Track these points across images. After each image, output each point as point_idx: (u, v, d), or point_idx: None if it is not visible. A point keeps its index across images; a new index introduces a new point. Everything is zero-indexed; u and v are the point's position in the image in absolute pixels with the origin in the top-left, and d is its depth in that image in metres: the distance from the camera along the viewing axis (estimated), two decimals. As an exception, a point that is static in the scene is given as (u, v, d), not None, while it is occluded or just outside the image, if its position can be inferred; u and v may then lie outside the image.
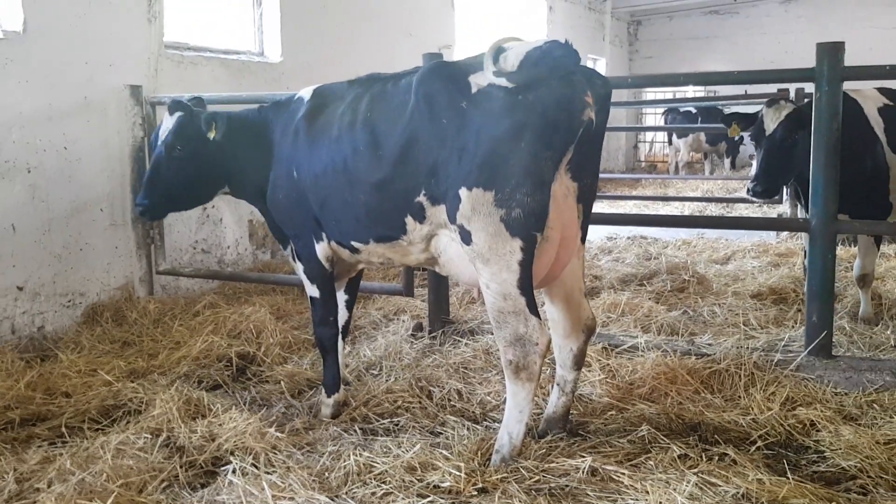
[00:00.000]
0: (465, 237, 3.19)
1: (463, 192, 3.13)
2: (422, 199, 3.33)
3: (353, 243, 3.71)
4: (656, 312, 5.62)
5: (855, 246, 7.63)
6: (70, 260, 5.67)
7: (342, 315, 4.36)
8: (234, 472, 3.30)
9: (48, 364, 4.82)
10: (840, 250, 7.43)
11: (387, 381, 4.41)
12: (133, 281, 6.15)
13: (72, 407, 4.19)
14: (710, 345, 4.62)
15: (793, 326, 5.27)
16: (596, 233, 9.19)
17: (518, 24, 14.22)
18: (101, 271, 5.91)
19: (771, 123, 5.23)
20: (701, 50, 20.25)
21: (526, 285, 3.17)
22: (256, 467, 3.36)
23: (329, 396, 4.12)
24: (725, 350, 4.41)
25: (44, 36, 5.42)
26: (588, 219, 3.48)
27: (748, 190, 5.41)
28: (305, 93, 3.96)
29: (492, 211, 3.10)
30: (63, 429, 3.90)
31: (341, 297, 4.35)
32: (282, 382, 4.55)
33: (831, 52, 4.01)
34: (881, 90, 5.63)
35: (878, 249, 5.62)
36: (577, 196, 3.31)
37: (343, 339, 4.43)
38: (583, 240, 3.51)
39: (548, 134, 3.05)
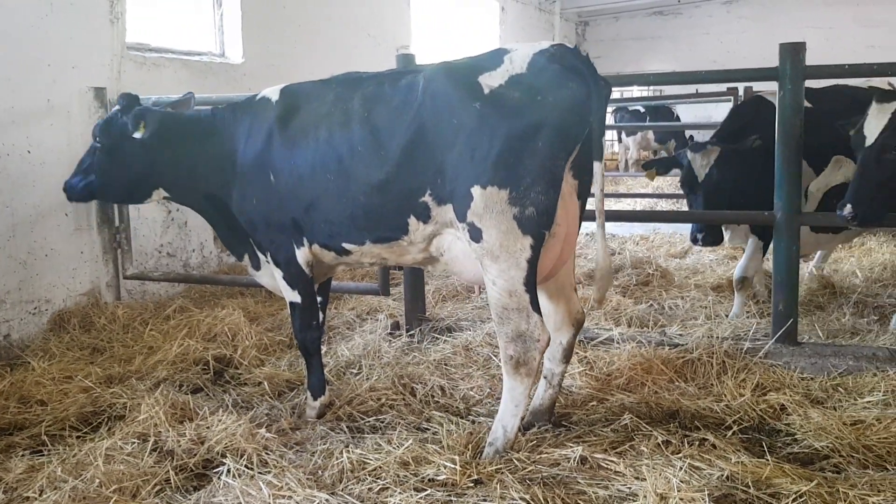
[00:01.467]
0: (475, 235, 3.24)
1: (476, 190, 3.18)
2: (427, 199, 3.36)
3: (345, 245, 3.69)
4: (625, 306, 5.78)
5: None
6: (35, 266, 5.54)
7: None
8: (227, 473, 3.30)
9: (19, 372, 4.71)
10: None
11: (368, 379, 4.44)
12: (100, 286, 6.04)
13: (49, 415, 4.11)
14: (681, 335, 4.78)
15: (755, 315, 5.48)
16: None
17: (471, 25, 14.34)
18: (67, 277, 5.80)
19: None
20: (646, 50, 20.66)
21: (531, 282, 3.25)
22: (250, 468, 3.37)
23: (315, 399, 4.12)
24: (697, 340, 4.57)
25: (5, 38, 5.30)
26: (583, 214, 3.57)
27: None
28: (271, 93, 3.87)
29: (505, 209, 3.16)
30: (44, 437, 3.83)
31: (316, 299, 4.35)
32: (263, 384, 4.54)
33: (793, 51, 4.20)
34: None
35: (764, 256, 5.50)
36: (578, 193, 3.41)
37: (319, 340, 4.43)
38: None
39: (563, 134, 3.14)
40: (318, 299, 4.37)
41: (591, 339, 4.75)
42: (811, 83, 4.42)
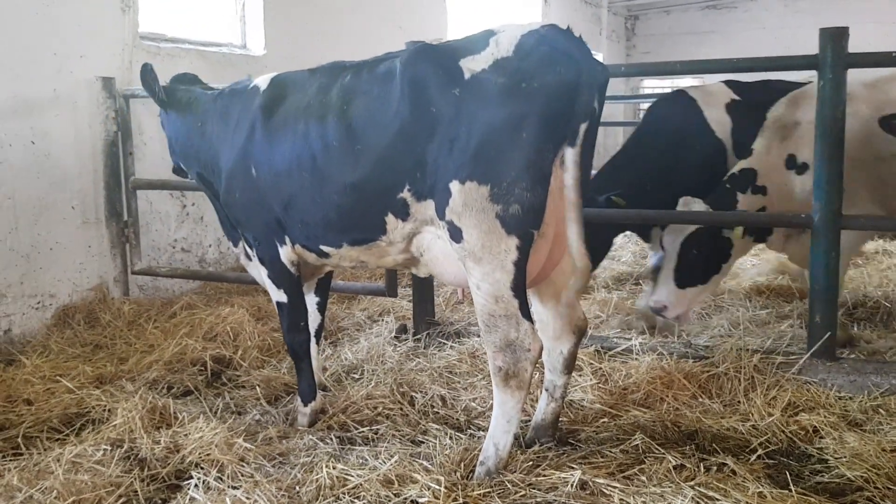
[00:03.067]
0: (455, 234, 2.96)
1: (455, 185, 2.90)
2: (405, 194, 3.08)
3: (322, 247, 3.45)
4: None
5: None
6: (39, 260, 5.42)
7: (315, 318, 4.13)
8: (196, 486, 3.08)
9: (11, 370, 4.57)
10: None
11: (367, 386, 4.18)
12: (108, 281, 5.90)
13: (33, 416, 3.94)
14: (707, 346, 4.40)
15: (795, 326, 5.07)
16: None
17: (513, 18, 14.01)
18: (74, 271, 5.67)
19: None
20: (699, 45, 20.01)
21: (520, 287, 2.96)
22: (223, 480, 3.14)
23: (305, 405, 3.89)
24: (724, 352, 4.19)
25: (7, 24, 5.16)
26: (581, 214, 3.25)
27: None
28: (262, 82, 3.65)
29: (486, 206, 2.87)
30: (20, 439, 3.66)
31: (312, 299, 4.12)
32: (258, 388, 4.32)
33: (835, 37, 3.80)
34: (729, 83, 5.31)
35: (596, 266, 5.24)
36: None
37: (317, 343, 4.20)
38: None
39: (550, 124, 2.83)
40: (315, 300, 4.18)
41: (609, 349, 4.40)
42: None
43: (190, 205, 6.58)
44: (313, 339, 4.16)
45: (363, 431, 3.72)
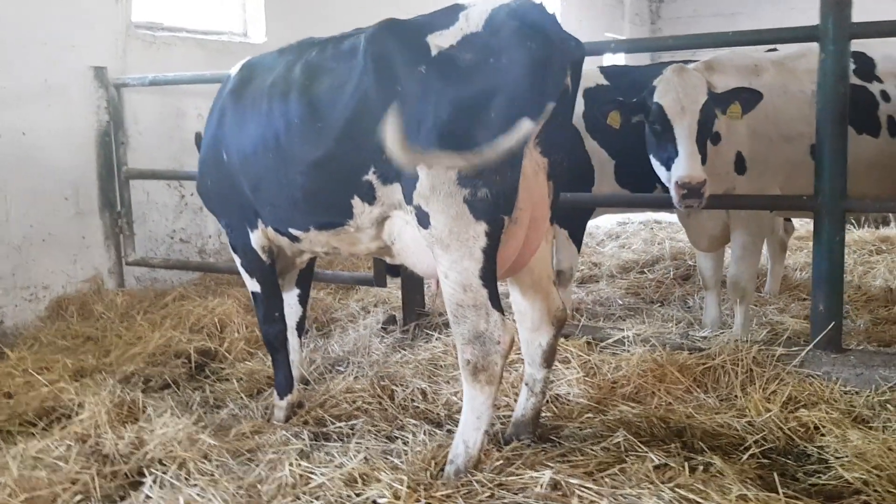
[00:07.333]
0: (423, 219, 2.80)
1: (422, 168, 2.75)
2: (371, 177, 2.93)
3: (291, 230, 3.33)
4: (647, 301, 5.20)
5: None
6: (31, 251, 5.38)
7: (296, 311, 4.03)
8: (154, 483, 2.97)
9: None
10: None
11: (346, 379, 4.04)
12: (102, 273, 5.85)
13: (10, 409, 3.89)
14: (705, 338, 4.17)
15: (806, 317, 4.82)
16: (610, 218, 8.78)
17: None
18: (67, 263, 5.62)
19: None
20: (725, 27, 19.40)
21: (489, 275, 2.79)
22: (186, 478, 3.03)
23: (281, 398, 3.77)
24: (721, 343, 3.96)
25: (-4, 14, 5.13)
26: (558, 198, 3.08)
27: None
28: (235, 67, 3.60)
29: (454, 190, 2.71)
30: (-9, 434, 3.60)
31: (293, 291, 4.00)
32: (240, 381, 4.21)
33: (837, 6, 3.54)
34: (605, 68, 5.07)
35: (579, 250, 5.08)
36: (548, 173, 2.92)
37: (299, 335, 4.08)
38: (552, 221, 3.12)
39: (519, 103, 2.65)
40: (297, 292, 4.07)
41: (602, 340, 4.21)
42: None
43: (189, 195, 6.50)
44: (294, 332, 4.06)
45: (339, 427, 3.59)
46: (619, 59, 12.93)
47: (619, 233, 8.25)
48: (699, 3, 20.13)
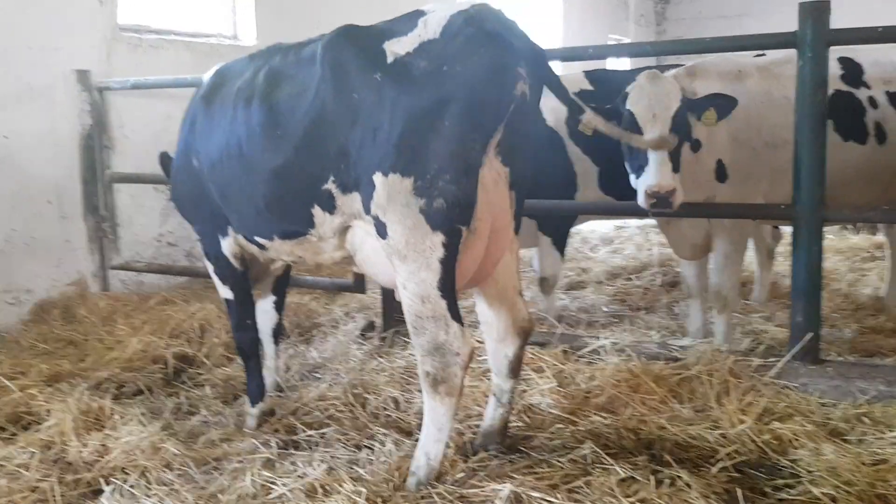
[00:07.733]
0: (381, 230, 2.77)
1: (378, 178, 2.71)
2: (330, 186, 2.90)
3: (256, 238, 3.32)
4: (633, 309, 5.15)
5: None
6: (13, 255, 5.37)
7: (272, 318, 4.03)
8: (112, 493, 2.95)
9: (-28, 367, 4.51)
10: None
11: (320, 387, 4.01)
12: (86, 277, 5.84)
13: (-21, 415, 3.87)
14: (683, 347, 4.12)
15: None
16: (607, 223, 8.72)
17: (532, 1, 13.60)
18: (51, 266, 5.62)
19: None
20: (731, 29, 19.34)
21: (447, 287, 2.75)
22: (142, 487, 3.00)
23: (253, 405, 3.76)
24: (698, 353, 3.91)
25: (-21, 18, 5.12)
26: (521, 208, 3.04)
27: None
28: (208, 73, 3.59)
29: (410, 201, 2.67)
30: (-43, 441, 3.58)
31: (269, 298, 3.99)
32: (214, 388, 4.19)
33: (815, 12, 3.49)
34: (591, 73, 5.00)
35: (563, 256, 5.06)
36: (510, 182, 2.88)
37: (275, 342, 4.06)
38: (516, 231, 3.07)
39: (475, 111, 2.63)
40: (273, 299, 4.05)
41: (579, 349, 4.16)
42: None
43: (177, 199, 6.47)
44: (270, 339, 4.04)
45: (310, 435, 3.56)
46: (624, 63, 12.86)
47: (613, 237, 8.21)
48: (702, 5, 20.04)
